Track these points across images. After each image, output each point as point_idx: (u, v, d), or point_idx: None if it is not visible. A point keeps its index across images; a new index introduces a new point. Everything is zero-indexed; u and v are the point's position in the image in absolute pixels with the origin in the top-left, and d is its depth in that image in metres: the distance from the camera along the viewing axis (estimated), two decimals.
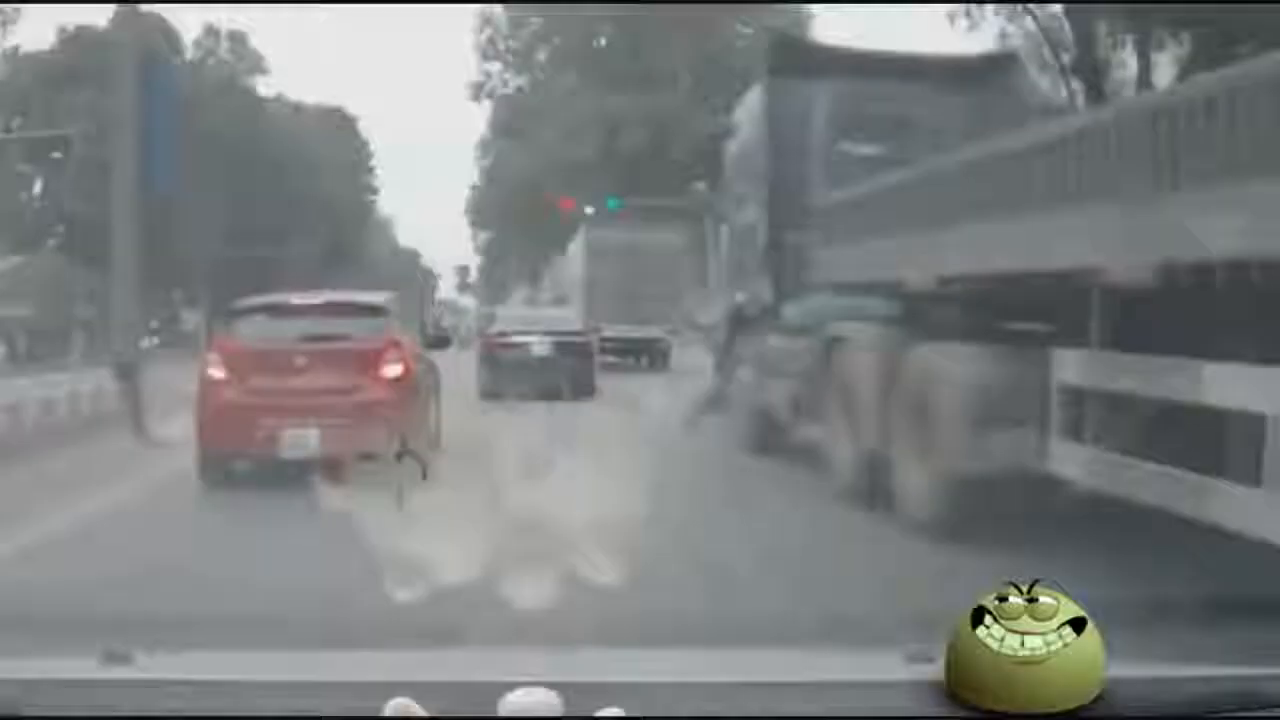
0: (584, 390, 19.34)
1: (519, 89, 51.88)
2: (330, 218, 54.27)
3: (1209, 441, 5.93)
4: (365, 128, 69.69)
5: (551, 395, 18.60)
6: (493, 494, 2.43)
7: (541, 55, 50.80)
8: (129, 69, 16.83)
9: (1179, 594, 5.35)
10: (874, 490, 9.10)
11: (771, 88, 13.06)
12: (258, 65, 57.43)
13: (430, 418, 11.58)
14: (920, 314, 9.49)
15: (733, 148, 14.90)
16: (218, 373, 10.99)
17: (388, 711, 1.71)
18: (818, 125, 12.01)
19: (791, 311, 12.19)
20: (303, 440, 10.25)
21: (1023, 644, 1.73)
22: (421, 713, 1.71)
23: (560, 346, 21.53)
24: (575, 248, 33.96)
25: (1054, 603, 1.76)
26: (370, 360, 10.89)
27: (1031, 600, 1.76)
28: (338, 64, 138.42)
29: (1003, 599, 1.77)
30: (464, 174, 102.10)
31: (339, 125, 61.51)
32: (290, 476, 9.35)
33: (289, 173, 50.32)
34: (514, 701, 1.73)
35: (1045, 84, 29.98)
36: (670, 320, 28.94)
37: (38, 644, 2.56)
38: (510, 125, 51.64)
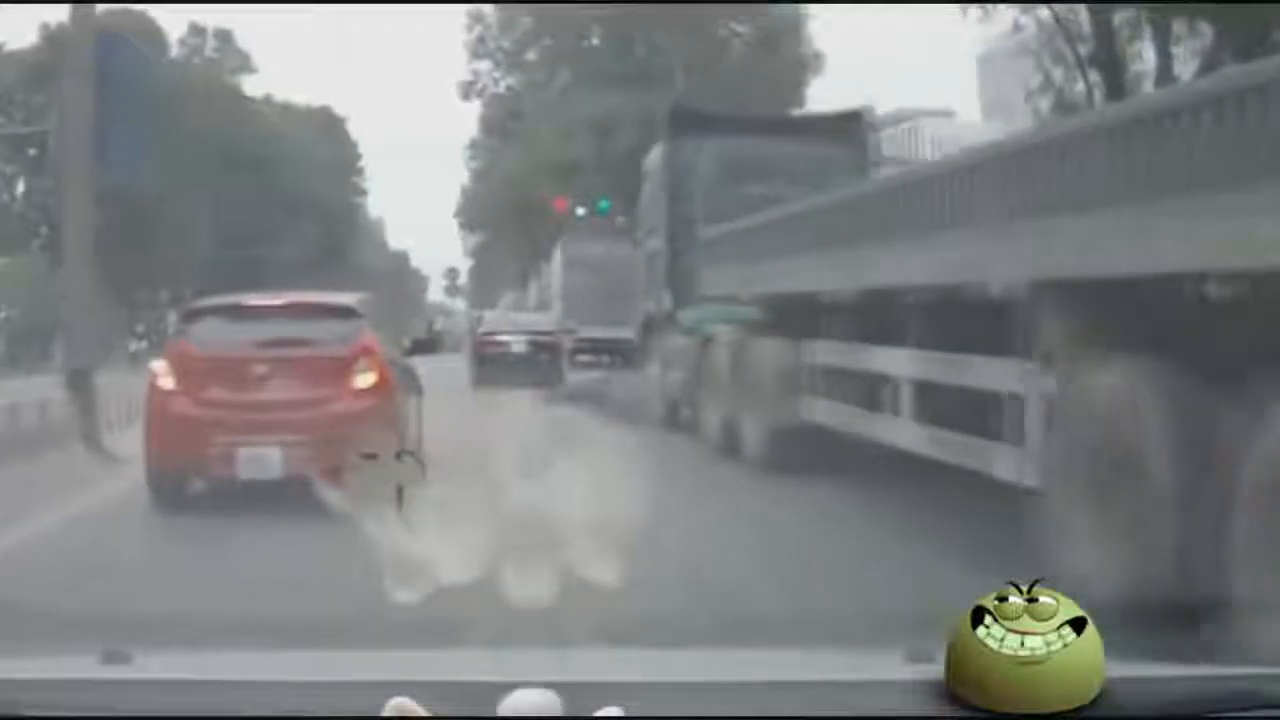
0: (554, 380, 23.67)
1: (510, 88, 51.70)
2: (319, 218, 54.09)
3: (870, 391, 10.16)
4: (354, 128, 69.82)
5: (529, 384, 21.10)
6: (470, 480, 2.44)
7: (532, 54, 50.61)
8: (84, 51, 15.86)
9: (1178, 595, 5.38)
10: (730, 443, 13.16)
11: (669, 144, 16.75)
12: (244, 64, 57.46)
13: (410, 431, 10.00)
14: (755, 318, 13.44)
15: (644, 189, 18.63)
16: (167, 383, 10.01)
17: (387, 711, 1.70)
18: (703, 173, 15.75)
19: (684, 317, 15.97)
20: (261, 459, 9.43)
21: (1023, 644, 1.73)
22: (421, 713, 1.71)
23: (535, 345, 25.79)
24: (555, 257, 36.69)
25: (1054, 603, 1.76)
26: (339, 368, 9.92)
27: (1031, 600, 1.76)
28: (326, 63, 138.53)
29: (1002, 599, 1.77)
30: (454, 175, 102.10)
31: (327, 125, 61.33)
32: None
33: (277, 173, 50.20)
34: (514, 701, 1.73)
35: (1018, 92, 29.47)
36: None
37: (38, 644, 2.55)
38: (501, 125, 51.46)
